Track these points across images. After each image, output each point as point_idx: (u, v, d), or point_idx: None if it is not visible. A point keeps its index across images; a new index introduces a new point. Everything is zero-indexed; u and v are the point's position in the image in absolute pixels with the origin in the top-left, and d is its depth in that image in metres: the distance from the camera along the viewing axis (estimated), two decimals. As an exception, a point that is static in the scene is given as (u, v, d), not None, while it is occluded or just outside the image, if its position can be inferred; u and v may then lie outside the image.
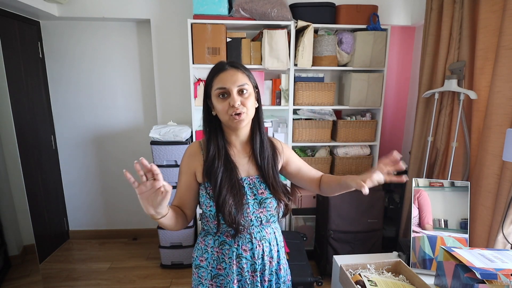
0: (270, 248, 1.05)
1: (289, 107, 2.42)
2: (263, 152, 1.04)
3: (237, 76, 0.95)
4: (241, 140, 1.04)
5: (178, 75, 2.64)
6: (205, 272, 1.04)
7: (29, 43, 2.48)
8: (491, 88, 1.54)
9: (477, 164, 1.68)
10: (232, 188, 0.96)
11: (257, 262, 1.02)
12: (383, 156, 0.96)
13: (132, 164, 2.84)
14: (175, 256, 2.52)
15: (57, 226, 2.85)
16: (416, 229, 1.35)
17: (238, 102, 0.93)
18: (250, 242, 1.00)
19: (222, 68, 0.96)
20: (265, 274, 1.04)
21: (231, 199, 0.94)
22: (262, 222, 1.01)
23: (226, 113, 0.94)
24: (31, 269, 2.10)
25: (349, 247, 2.32)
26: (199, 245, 1.07)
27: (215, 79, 0.96)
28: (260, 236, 1.02)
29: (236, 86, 0.94)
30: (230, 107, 0.93)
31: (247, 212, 0.97)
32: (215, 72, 0.97)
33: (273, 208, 1.01)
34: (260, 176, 1.04)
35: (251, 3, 2.21)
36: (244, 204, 0.97)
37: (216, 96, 0.95)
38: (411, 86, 2.79)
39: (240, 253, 1.00)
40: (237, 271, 1.01)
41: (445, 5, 1.91)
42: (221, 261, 1.02)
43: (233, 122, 0.94)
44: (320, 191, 1.11)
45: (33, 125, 2.53)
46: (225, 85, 0.93)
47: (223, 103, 0.94)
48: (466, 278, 0.97)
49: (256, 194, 1.01)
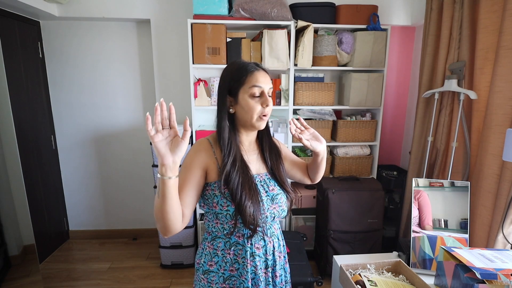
0: (279, 244, 1.08)
1: (289, 107, 2.43)
2: (272, 152, 1.08)
3: (269, 78, 0.98)
4: (250, 139, 1.06)
5: (178, 75, 2.65)
6: (216, 276, 1.01)
7: (29, 43, 2.48)
8: (491, 88, 1.54)
9: (477, 164, 1.68)
10: (250, 188, 0.96)
11: (269, 258, 1.04)
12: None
13: (131, 164, 2.82)
14: (175, 256, 2.52)
15: (57, 226, 2.85)
16: (416, 229, 1.35)
17: (272, 104, 0.97)
18: (263, 240, 1.02)
19: (256, 68, 0.97)
20: (276, 270, 1.06)
21: (250, 200, 0.94)
22: (275, 218, 1.02)
23: (258, 113, 0.95)
24: (31, 269, 2.10)
25: (349, 247, 2.32)
26: (207, 250, 1.02)
27: (249, 76, 0.94)
28: (270, 232, 1.05)
29: (268, 88, 0.97)
30: (263, 107, 0.95)
31: (262, 210, 0.97)
32: (248, 69, 0.95)
33: (284, 204, 1.04)
34: (269, 173, 1.07)
35: (251, 3, 2.21)
36: (260, 202, 0.98)
37: (248, 95, 0.95)
38: (411, 86, 2.79)
39: (253, 251, 1.00)
40: (251, 270, 1.01)
41: (445, 5, 1.91)
42: (234, 262, 1.00)
43: (258, 122, 0.97)
44: (309, 178, 1.22)
45: (33, 125, 2.53)
46: (262, 84, 0.94)
47: (256, 103, 0.95)
48: (466, 278, 0.97)
49: (267, 191, 1.02)
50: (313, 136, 1.08)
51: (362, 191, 2.31)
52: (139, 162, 2.90)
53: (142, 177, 2.93)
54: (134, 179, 2.94)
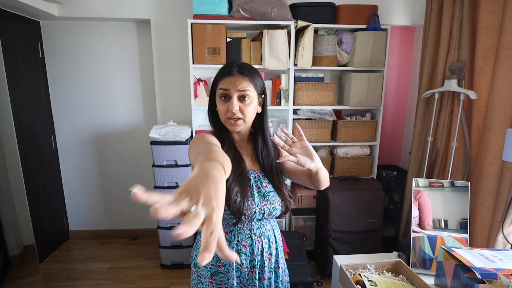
0: (269, 245, 1.06)
1: (289, 107, 2.42)
2: (267, 157, 1.06)
3: (241, 81, 0.95)
4: (241, 138, 1.07)
5: (178, 75, 2.65)
6: (205, 270, 1.04)
7: (29, 43, 2.48)
8: (491, 88, 1.54)
9: (477, 164, 1.68)
10: (239, 176, 0.97)
11: (256, 258, 1.03)
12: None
13: (131, 164, 2.82)
14: (175, 256, 2.52)
15: (57, 226, 2.85)
16: (416, 229, 1.35)
17: (236, 108, 0.95)
18: (250, 238, 1.01)
19: (229, 72, 0.97)
20: (265, 271, 1.04)
21: (237, 187, 0.95)
22: (265, 215, 1.02)
23: (224, 115, 0.97)
24: (31, 269, 2.10)
25: (349, 247, 2.32)
26: (198, 244, 1.07)
27: (220, 80, 0.98)
28: (260, 232, 1.03)
29: (237, 91, 0.95)
30: (228, 110, 0.96)
31: (252, 204, 0.98)
32: (222, 74, 0.98)
33: (276, 202, 1.03)
34: (263, 171, 1.07)
35: (251, 3, 2.21)
36: (250, 197, 0.98)
37: (218, 96, 0.98)
38: (411, 86, 2.79)
39: (239, 249, 1.01)
40: (237, 267, 1.02)
41: (445, 5, 1.91)
42: (220, 258, 1.01)
43: (228, 125, 0.99)
44: (311, 183, 1.11)
45: (33, 125, 2.53)
46: (227, 87, 0.95)
47: (224, 105, 0.97)
48: (466, 278, 0.97)
49: (260, 187, 1.02)
50: (304, 151, 0.97)
51: (362, 191, 2.31)
52: (139, 162, 2.90)
53: (143, 177, 2.92)
54: (134, 179, 2.94)
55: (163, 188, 2.37)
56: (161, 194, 0.41)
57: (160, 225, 2.44)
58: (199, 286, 1.05)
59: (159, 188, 2.36)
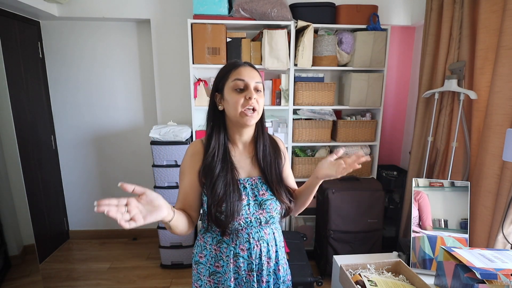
0: (268, 249, 1.04)
1: (289, 107, 2.42)
2: (265, 156, 1.04)
3: (255, 74, 0.96)
4: (244, 140, 1.04)
5: (178, 75, 2.64)
6: (204, 268, 1.04)
7: (29, 43, 2.48)
8: (491, 88, 1.54)
9: (477, 164, 1.68)
10: (226, 187, 0.95)
11: (254, 262, 1.01)
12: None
13: (131, 164, 2.82)
14: (175, 256, 2.52)
15: (57, 226, 2.85)
16: (416, 229, 1.35)
17: (256, 96, 0.93)
18: (248, 242, 1.00)
19: (240, 64, 0.97)
20: (263, 275, 1.03)
21: (224, 198, 0.93)
22: (261, 223, 1.01)
23: (240, 106, 0.92)
24: (31, 269, 2.10)
25: (349, 247, 2.32)
26: (199, 242, 1.07)
27: (233, 71, 0.95)
28: (258, 236, 1.02)
29: (254, 82, 0.95)
30: (246, 100, 0.92)
31: (247, 213, 0.97)
32: (233, 66, 0.97)
33: (273, 210, 1.01)
34: (262, 177, 1.04)
35: (251, 3, 2.21)
36: (245, 205, 0.97)
37: (231, 89, 0.94)
38: (411, 86, 2.79)
39: (237, 252, 1.00)
40: (234, 269, 1.01)
41: (445, 5, 1.91)
42: (219, 259, 1.02)
43: (243, 118, 0.93)
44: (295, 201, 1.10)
45: (33, 125, 2.53)
46: (244, 77, 0.94)
47: (239, 96, 0.93)
48: (466, 278, 0.97)
49: (257, 195, 1.00)
50: (341, 164, 0.97)
51: (362, 191, 2.31)
52: (139, 162, 2.90)
53: (142, 177, 2.92)
54: (134, 179, 2.94)
55: (163, 188, 2.37)
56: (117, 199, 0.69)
57: (160, 225, 2.44)
58: (198, 283, 1.06)
59: (159, 188, 2.36)
